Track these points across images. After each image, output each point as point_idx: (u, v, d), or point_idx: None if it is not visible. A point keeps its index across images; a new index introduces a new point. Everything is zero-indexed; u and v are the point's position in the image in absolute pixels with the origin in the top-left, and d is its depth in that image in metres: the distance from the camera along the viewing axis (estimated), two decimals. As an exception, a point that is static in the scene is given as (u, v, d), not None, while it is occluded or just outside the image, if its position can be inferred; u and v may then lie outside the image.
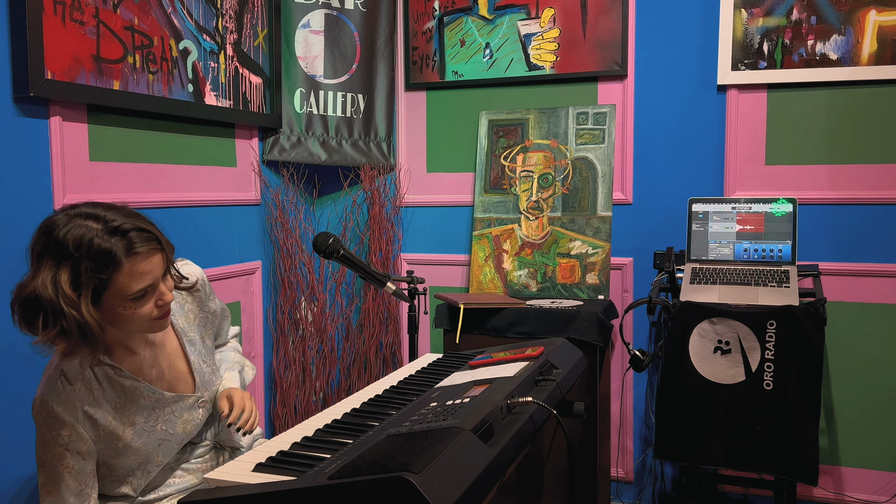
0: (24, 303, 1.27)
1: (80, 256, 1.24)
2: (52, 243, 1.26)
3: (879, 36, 2.55)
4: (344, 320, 3.17)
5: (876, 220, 2.62)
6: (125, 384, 1.43)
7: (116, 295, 1.29)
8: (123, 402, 1.43)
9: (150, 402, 1.47)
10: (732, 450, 2.24)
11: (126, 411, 1.44)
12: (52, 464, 1.36)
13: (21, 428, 1.89)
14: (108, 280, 1.26)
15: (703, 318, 2.25)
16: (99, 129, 2.12)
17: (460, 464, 0.99)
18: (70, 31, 1.96)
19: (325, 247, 1.88)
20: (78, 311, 1.24)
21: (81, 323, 1.24)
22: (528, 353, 1.60)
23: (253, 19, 2.76)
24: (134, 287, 1.29)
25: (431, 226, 3.19)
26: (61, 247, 1.25)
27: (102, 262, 1.25)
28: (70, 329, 1.25)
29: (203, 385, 1.58)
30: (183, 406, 1.54)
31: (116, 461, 1.46)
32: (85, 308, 1.24)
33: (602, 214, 2.79)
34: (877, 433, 2.65)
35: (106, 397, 1.41)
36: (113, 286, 1.27)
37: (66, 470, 1.36)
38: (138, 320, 1.34)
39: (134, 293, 1.30)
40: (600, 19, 2.87)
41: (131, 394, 1.44)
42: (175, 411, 1.52)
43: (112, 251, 1.26)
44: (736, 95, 2.74)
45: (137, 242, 1.29)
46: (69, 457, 1.36)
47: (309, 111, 3.00)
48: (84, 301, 1.25)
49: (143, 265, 1.30)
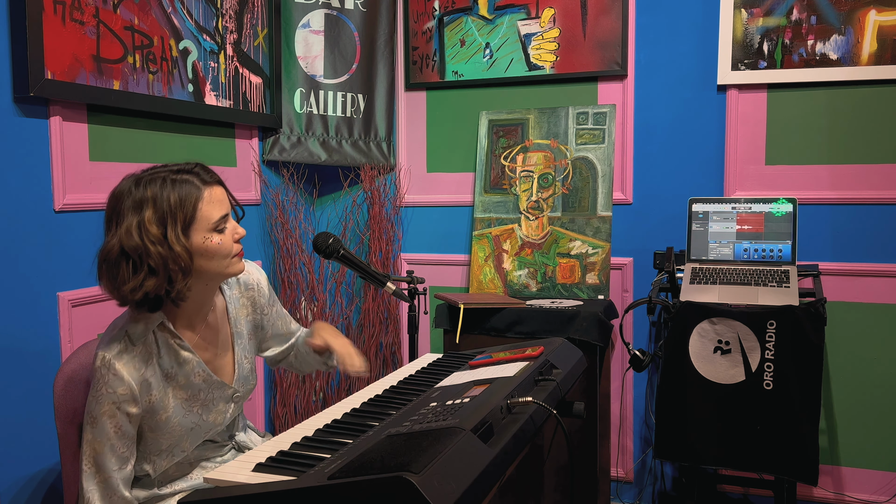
0: (108, 259, 1.35)
1: (161, 199, 1.35)
2: (129, 201, 1.36)
3: (879, 36, 2.55)
4: (344, 320, 3.17)
5: (876, 220, 2.62)
6: (181, 354, 1.47)
7: (202, 226, 1.39)
8: (175, 372, 1.47)
9: (197, 381, 1.51)
10: (732, 450, 2.24)
11: (175, 382, 1.47)
12: (102, 421, 1.38)
13: (21, 428, 1.89)
14: (193, 211, 1.38)
15: (703, 318, 2.25)
16: (99, 129, 2.12)
17: (460, 464, 0.99)
18: (70, 31, 1.96)
19: (325, 247, 1.88)
20: (165, 246, 1.34)
21: (168, 256, 1.34)
22: (528, 353, 1.60)
23: (253, 19, 2.76)
24: (216, 214, 1.41)
25: (431, 226, 3.19)
26: (139, 199, 1.36)
27: (185, 196, 1.37)
28: (157, 266, 1.33)
29: (241, 379, 1.61)
30: (221, 395, 1.56)
31: (152, 435, 1.48)
32: (174, 239, 1.35)
33: (602, 214, 2.79)
34: (877, 433, 2.65)
35: (161, 364, 1.45)
36: (198, 216, 1.39)
37: (113, 428, 1.39)
38: (222, 253, 1.42)
39: (216, 221, 1.41)
40: (600, 19, 2.87)
41: (184, 365, 1.48)
42: (214, 399, 1.55)
43: (191, 183, 1.39)
44: (736, 95, 2.74)
45: (205, 174, 1.43)
46: (119, 416, 1.39)
47: (309, 111, 3.00)
48: (173, 234, 1.35)
49: (218, 193, 1.43)
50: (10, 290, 1.86)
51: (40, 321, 1.94)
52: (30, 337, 1.91)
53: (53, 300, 1.97)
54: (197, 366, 1.50)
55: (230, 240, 1.45)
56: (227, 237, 1.44)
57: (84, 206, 2.06)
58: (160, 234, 1.34)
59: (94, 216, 2.10)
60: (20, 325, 1.89)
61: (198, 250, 1.39)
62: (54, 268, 1.98)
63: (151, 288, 1.35)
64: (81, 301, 2.04)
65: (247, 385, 1.64)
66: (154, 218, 1.34)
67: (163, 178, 1.38)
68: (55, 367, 1.94)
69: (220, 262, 1.44)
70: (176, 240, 1.35)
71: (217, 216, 1.41)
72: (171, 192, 1.36)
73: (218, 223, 1.42)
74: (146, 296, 1.36)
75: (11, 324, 1.86)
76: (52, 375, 1.92)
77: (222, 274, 1.47)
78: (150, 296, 1.37)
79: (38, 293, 1.94)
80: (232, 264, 1.46)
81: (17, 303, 1.88)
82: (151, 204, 1.35)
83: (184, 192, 1.37)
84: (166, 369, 1.46)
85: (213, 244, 1.41)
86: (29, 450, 1.91)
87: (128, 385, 1.39)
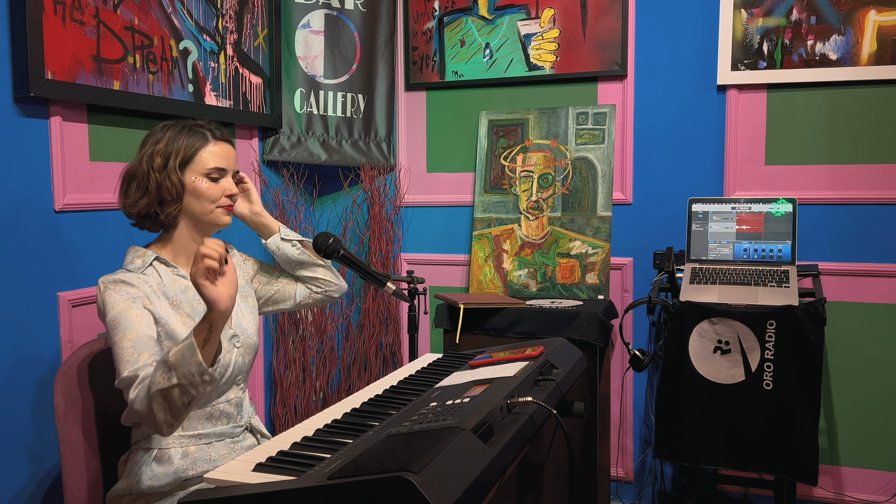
0: (124, 176, 1.61)
1: (172, 139, 1.58)
2: (154, 136, 1.60)
3: (879, 36, 2.55)
4: (344, 320, 3.17)
5: (876, 220, 2.62)
6: (183, 283, 1.61)
7: (197, 169, 1.59)
8: (180, 299, 1.59)
9: (200, 308, 1.59)
10: (732, 450, 2.24)
11: (181, 309, 1.58)
12: (123, 316, 1.48)
13: (21, 428, 1.89)
14: (193, 154, 1.59)
15: (702, 318, 2.25)
16: (99, 129, 2.12)
17: (460, 464, 0.99)
18: (70, 31, 1.96)
19: (325, 247, 1.88)
20: (162, 174, 1.56)
21: (163, 184, 1.55)
22: (528, 353, 1.60)
23: (253, 19, 2.76)
24: (212, 163, 1.60)
25: (431, 226, 3.19)
26: (159, 137, 1.59)
27: (192, 140, 1.59)
28: (152, 189, 1.56)
29: (239, 327, 1.68)
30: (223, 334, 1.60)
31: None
32: (172, 169, 1.56)
33: (602, 214, 2.79)
34: (877, 433, 2.65)
35: (165, 292, 1.58)
36: (196, 159, 1.59)
37: (136, 318, 1.48)
38: (208, 198, 1.60)
39: (211, 168, 1.59)
40: (600, 19, 2.87)
41: (187, 291, 1.60)
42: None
43: (201, 134, 1.61)
44: (736, 95, 2.74)
45: (217, 131, 1.64)
46: (136, 308, 1.50)
47: (309, 111, 3.00)
48: (172, 165, 1.56)
49: (222, 149, 1.62)
50: (10, 290, 1.86)
51: (40, 321, 1.94)
52: (30, 337, 1.91)
53: (53, 300, 1.98)
54: (196, 295, 1.60)
55: (219, 190, 1.61)
56: (216, 186, 1.61)
57: (84, 206, 2.06)
58: (161, 165, 1.56)
59: (94, 216, 2.10)
60: (20, 325, 1.89)
61: (188, 188, 1.59)
62: (54, 268, 1.98)
63: (143, 206, 1.57)
64: (81, 301, 2.04)
65: (246, 336, 1.68)
66: (162, 151, 1.57)
67: (183, 125, 1.61)
68: (55, 367, 1.94)
69: (204, 205, 1.60)
70: (172, 171, 1.56)
71: (211, 165, 1.60)
72: (183, 136, 1.59)
73: (211, 171, 1.60)
74: (139, 213, 1.58)
75: (11, 324, 1.86)
76: (52, 375, 1.92)
77: (206, 218, 1.62)
78: (142, 213, 1.58)
79: (38, 293, 1.94)
80: (215, 212, 1.62)
81: (17, 303, 1.88)
82: (165, 141, 1.58)
83: (192, 137, 1.60)
84: (171, 297, 1.58)
85: (201, 186, 1.59)
86: (29, 450, 1.91)
87: (137, 288, 1.52)
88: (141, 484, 1.54)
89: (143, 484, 1.54)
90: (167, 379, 1.33)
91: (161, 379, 1.34)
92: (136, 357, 1.42)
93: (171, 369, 1.33)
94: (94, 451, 1.63)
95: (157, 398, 1.34)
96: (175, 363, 1.32)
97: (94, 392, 1.66)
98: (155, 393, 1.34)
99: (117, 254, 2.18)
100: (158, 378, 1.34)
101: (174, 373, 1.33)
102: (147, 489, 1.54)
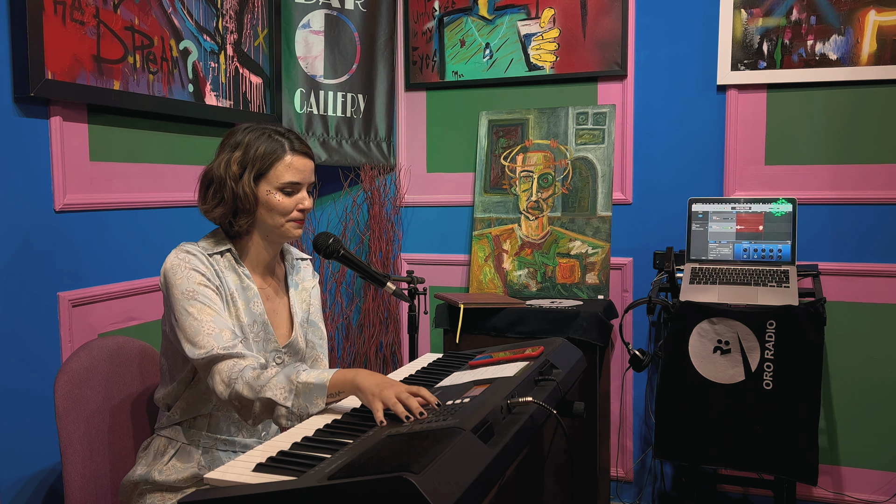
0: (203, 179, 1.60)
1: (251, 147, 1.56)
2: (233, 140, 1.59)
3: (879, 36, 2.55)
4: (344, 320, 3.17)
5: (876, 220, 2.62)
6: (245, 280, 1.60)
7: (271, 181, 1.56)
8: (237, 296, 1.58)
9: (256, 310, 1.59)
10: (732, 450, 2.24)
11: (235, 307, 1.57)
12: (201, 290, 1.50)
13: (21, 428, 1.89)
14: (269, 166, 1.56)
15: (702, 317, 2.25)
16: (99, 129, 2.12)
17: (460, 464, 0.99)
18: (70, 31, 1.96)
19: (325, 247, 1.88)
20: (237, 184, 1.54)
21: (238, 194, 1.54)
22: (528, 353, 1.60)
23: (253, 19, 2.76)
24: (287, 177, 1.57)
25: (431, 226, 3.19)
26: (238, 141, 1.58)
27: (269, 152, 1.56)
28: (227, 198, 1.55)
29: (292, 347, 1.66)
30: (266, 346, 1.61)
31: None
32: (246, 181, 1.55)
33: (602, 214, 2.79)
34: (877, 433, 2.66)
35: (227, 283, 1.57)
36: (271, 172, 1.56)
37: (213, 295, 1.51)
38: (280, 210, 1.57)
39: (285, 182, 1.57)
40: (600, 19, 2.87)
41: (246, 291, 1.60)
42: (262, 340, 1.60)
43: (280, 144, 1.58)
44: (736, 95, 2.74)
45: (297, 143, 1.60)
46: (206, 291, 1.50)
47: (309, 111, 3.00)
48: (247, 177, 1.55)
49: (299, 163, 1.59)
50: (11, 291, 1.86)
51: (40, 321, 1.94)
52: (30, 337, 1.91)
53: (53, 300, 1.98)
54: (255, 296, 1.60)
55: (292, 204, 1.58)
56: (290, 200, 1.58)
57: (84, 206, 2.06)
58: (237, 174, 1.55)
59: (94, 216, 2.10)
60: (20, 325, 1.89)
61: (261, 200, 1.57)
62: (54, 268, 1.98)
63: (219, 215, 1.57)
64: (81, 301, 2.04)
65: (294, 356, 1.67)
66: (239, 159, 1.56)
67: (263, 131, 1.59)
68: (55, 367, 1.94)
69: (275, 218, 1.58)
70: (247, 183, 1.55)
71: (286, 179, 1.57)
72: (261, 145, 1.56)
73: (285, 185, 1.57)
74: (215, 220, 1.58)
75: (11, 324, 1.86)
76: (52, 375, 1.92)
77: (277, 230, 1.60)
78: (216, 221, 1.59)
79: (38, 293, 1.94)
80: (286, 225, 1.59)
81: (17, 303, 1.88)
82: (244, 148, 1.56)
83: (270, 148, 1.57)
84: (230, 290, 1.57)
85: (274, 200, 1.57)
86: (29, 450, 1.91)
87: (202, 275, 1.52)
88: (160, 475, 1.55)
89: (162, 475, 1.55)
90: (283, 397, 1.37)
91: (277, 391, 1.38)
92: (219, 332, 1.45)
93: (292, 392, 1.37)
94: (94, 451, 1.63)
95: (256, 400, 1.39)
96: (299, 391, 1.37)
97: (94, 392, 1.66)
98: (260, 395, 1.38)
99: (118, 254, 2.18)
100: (273, 387, 1.38)
101: (293, 396, 1.37)
102: (164, 482, 1.55)
